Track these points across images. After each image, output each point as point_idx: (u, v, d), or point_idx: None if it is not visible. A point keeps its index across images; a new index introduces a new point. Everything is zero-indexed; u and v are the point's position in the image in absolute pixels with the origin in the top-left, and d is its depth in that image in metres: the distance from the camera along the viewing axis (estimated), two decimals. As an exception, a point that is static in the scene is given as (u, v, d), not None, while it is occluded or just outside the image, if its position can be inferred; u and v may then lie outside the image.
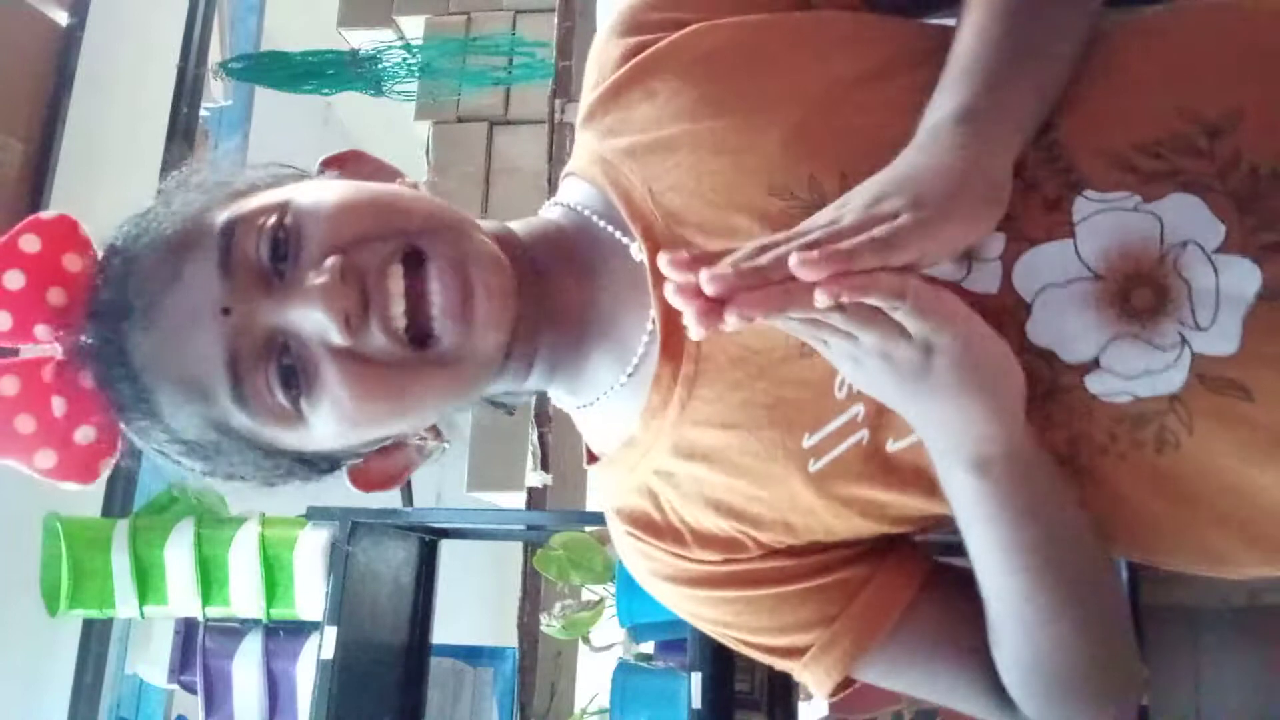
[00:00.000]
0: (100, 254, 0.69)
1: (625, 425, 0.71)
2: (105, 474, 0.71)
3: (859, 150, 0.64)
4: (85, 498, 2.23)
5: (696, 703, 1.63)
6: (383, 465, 0.73)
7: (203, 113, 2.77)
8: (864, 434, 0.65)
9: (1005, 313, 0.61)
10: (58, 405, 0.68)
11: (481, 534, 2.10)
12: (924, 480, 0.65)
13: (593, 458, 0.76)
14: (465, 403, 0.72)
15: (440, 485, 2.91)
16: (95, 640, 2.17)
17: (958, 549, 0.68)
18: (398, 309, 0.63)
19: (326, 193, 0.66)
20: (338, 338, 0.62)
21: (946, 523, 0.70)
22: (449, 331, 0.63)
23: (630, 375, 0.69)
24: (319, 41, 2.92)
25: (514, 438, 2.50)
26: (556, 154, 2.63)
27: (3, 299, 0.68)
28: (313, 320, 0.61)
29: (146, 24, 2.75)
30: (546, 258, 0.71)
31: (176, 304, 0.63)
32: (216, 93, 2.83)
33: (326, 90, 2.85)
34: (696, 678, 1.64)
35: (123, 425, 0.69)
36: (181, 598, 1.86)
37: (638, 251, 0.67)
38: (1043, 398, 0.62)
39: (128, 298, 0.64)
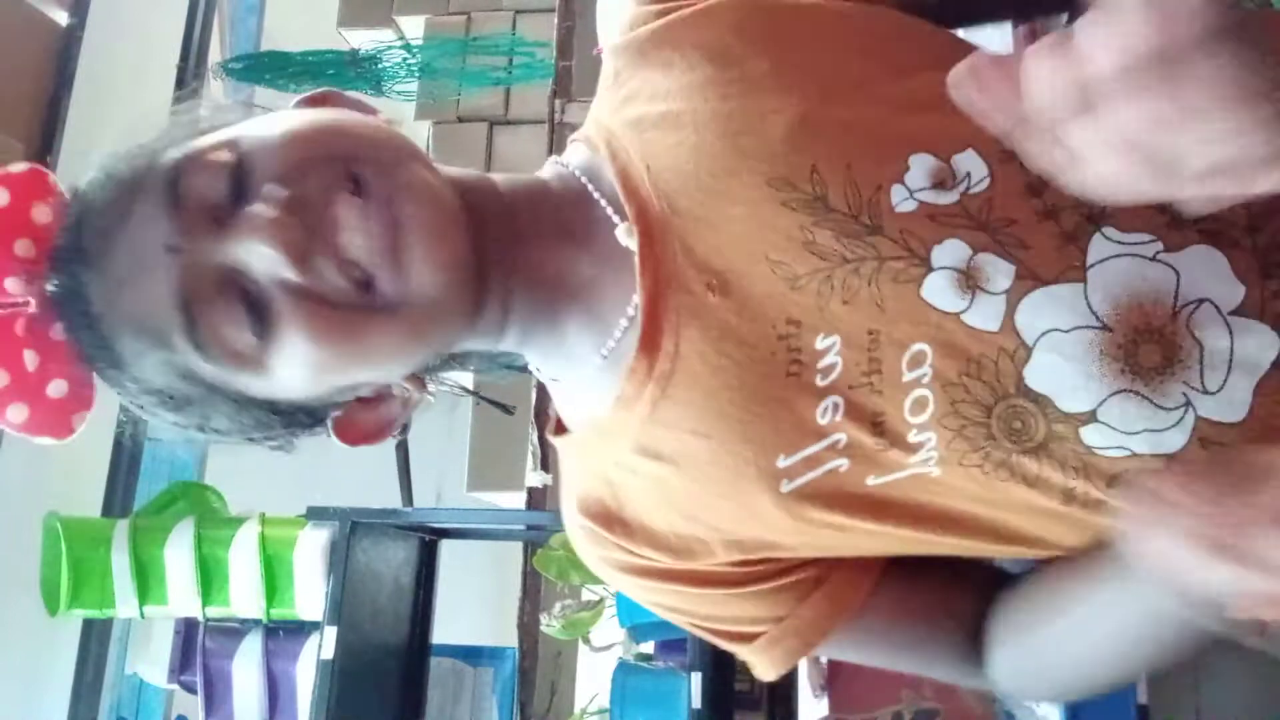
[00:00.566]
0: (68, 202, 0.68)
1: (597, 404, 0.68)
2: (80, 428, 0.69)
3: (865, 143, 0.61)
4: (85, 498, 2.23)
5: (696, 703, 1.63)
6: (366, 417, 0.70)
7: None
8: (844, 462, 0.62)
9: (1004, 352, 0.58)
10: (30, 359, 0.66)
11: (481, 534, 2.10)
12: (907, 512, 0.63)
13: (560, 428, 0.73)
14: (436, 350, 0.68)
15: (440, 485, 2.91)
16: (95, 640, 2.18)
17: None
18: (347, 238, 0.59)
19: (275, 124, 0.63)
20: (289, 272, 0.58)
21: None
22: (382, 272, 0.59)
23: (605, 356, 0.66)
24: (319, 41, 2.93)
25: (514, 438, 2.50)
26: (556, 154, 2.63)
27: None
28: (259, 255, 0.58)
29: (146, 24, 2.76)
30: (527, 213, 0.68)
31: (126, 245, 0.61)
32: (216, 93, 2.83)
33: (327, 90, 2.84)
34: (696, 678, 1.64)
35: (95, 375, 0.67)
36: (181, 598, 1.86)
37: (626, 234, 0.64)
38: (1036, 449, 0.59)
39: (82, 242, 0.63)
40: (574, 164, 0.70)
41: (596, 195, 0.67)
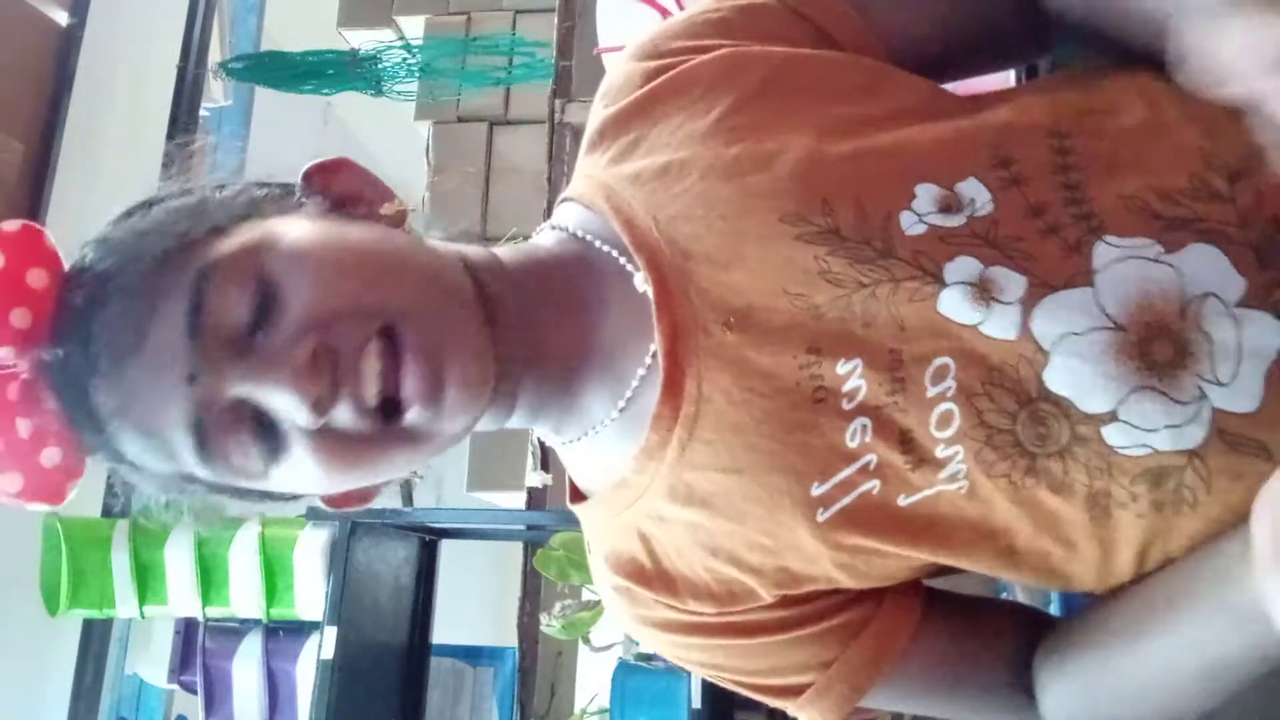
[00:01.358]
0: (68, 270, 0.66)
1: (617, 462, 0.68)
2: (71, 495, 0.69)
3: (872, 175, 0.63)
4: (85, 498, 2.23)
5: (696, 703, 1.63)
6: (352, 492, 0.71)
7: (203, 113, 2.77)
8: (875, 484, 0.63)
9: (1024, 359, 0.59)
10: (23, 427, 0.65)
11: (481, 534, 2.10)
12: (935, 533, 0.63)
13: (576, 494, 0.73)
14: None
15: (440, 485, 2.90)
16: (95, 640, 2.17)
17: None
18: (370, 390, 0.60)
19: (309, 247, 0.62)
20: (306, 421, 0.59)
21: (953, 570, 0.69)
22: (417, 413, 0.60)
23: (623, 410, 0.67)
24: (319, 41, 2.92)
25: (514, 438, 2.49)
26: (556, 154, 2.63)
27: None
28: (281, 400, 0.59)
29: (146, 24, 2.76)
30: (537, 290, 0.68)
31: (142, 367, 0.60)
32: (216, 93, 2.83)
33: (326, 90, 2.85)
34: (696, 678, 1.64)
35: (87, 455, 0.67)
36: (181, 598, 1.86)
37: (642, 282, 0.64)
38: (1061, 452, 0.60)
39: (91, 345, 0.61)
40: (573, 225, 0.70)
41: (606, 249, 0.67)
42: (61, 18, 2.53)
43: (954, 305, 0.60)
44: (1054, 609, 1.10)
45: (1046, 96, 0.66)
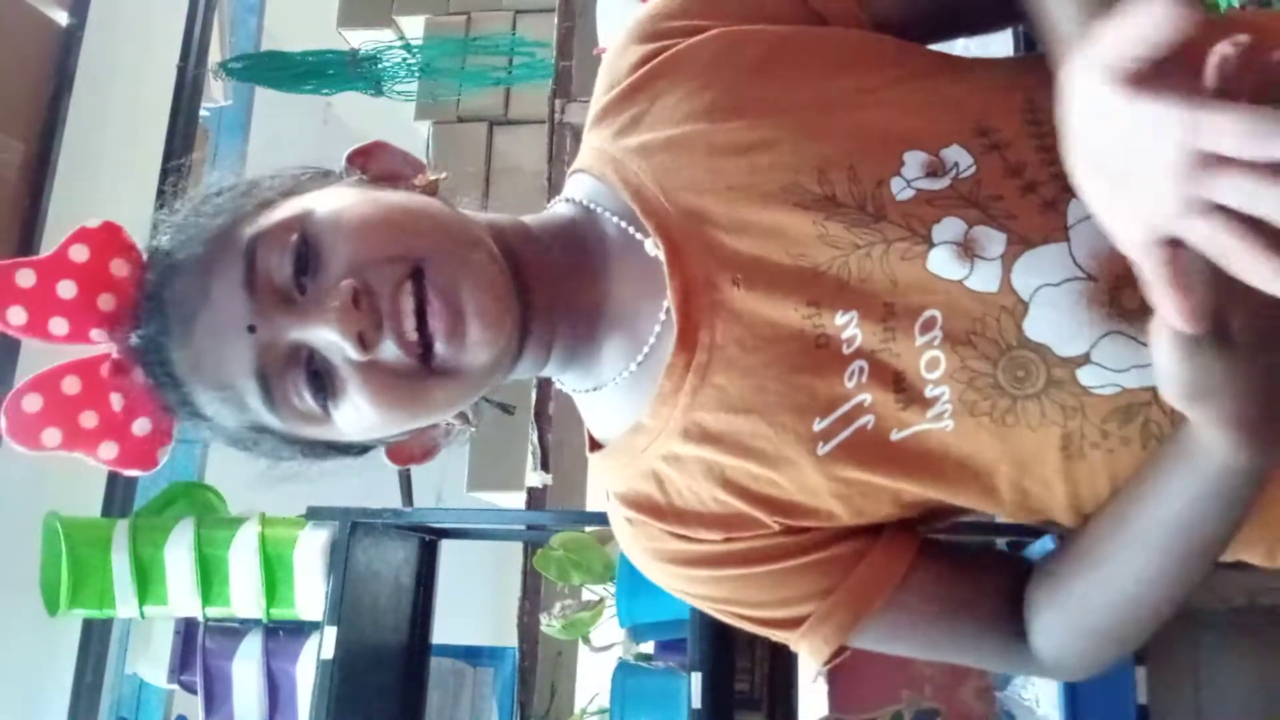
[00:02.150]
0: (145, 256, 0.74)
1: (632, 411, 0.73)
2: (164, 460, 0.78)
3: (864, 145, 0.68)
4: (85, 498, 2.23)
5: (696, 703, 1.63)
6: (414, 443, 0.78)
7: (203, 113, 2.78)
8: (870, 419, 0.68)
9: (1005, 310, 0.65)
10: (116, 400, 0.74)
11: (481, 534, 2.10)
12: (925, 467, 0.68)
13: (594, 444, 0.78)
14: (480, 395, 0.75)
15: (440, 485, 2.91)
16: (95, 640, 2.18)
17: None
18: (409, 325, 0.66)
19: (343, 209, 0.69)
20: (355, 354, 0.66)
21: (944, 515, 0.75)
22: (443, 348, 0.67)
23: (640, 364, 0.72)
24: (319, 41, 2.93)
25: (514, 438, 2.50)
26: (556, 154, 2.63)
27: (58, 307, 0.73)
28: (328, 340, 0.66)
29: (146, 24, 2.76)
30: (560, 252, 0.74)
31: (207, 323, 0.68)
32: (216, 93, 2.84)
33: (326, 90, 2.85)
34: (696, 678, 1.64)
35: (174, 419, 0.74)
36: (181, 598, 1.86)
37: (652, 247, 0.69)
38: (1040, 392, 0.65)
39: (166, 314, 0.70)
40: (583, 196, 0.75)
41: (615, 219, 0.73)
42: (61, 18, 2.54)
43: (942, 263, 0.65)
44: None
45: (1020, 65, 0.70)
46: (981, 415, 0.66)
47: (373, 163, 0.77)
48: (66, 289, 0.73)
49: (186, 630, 1.96)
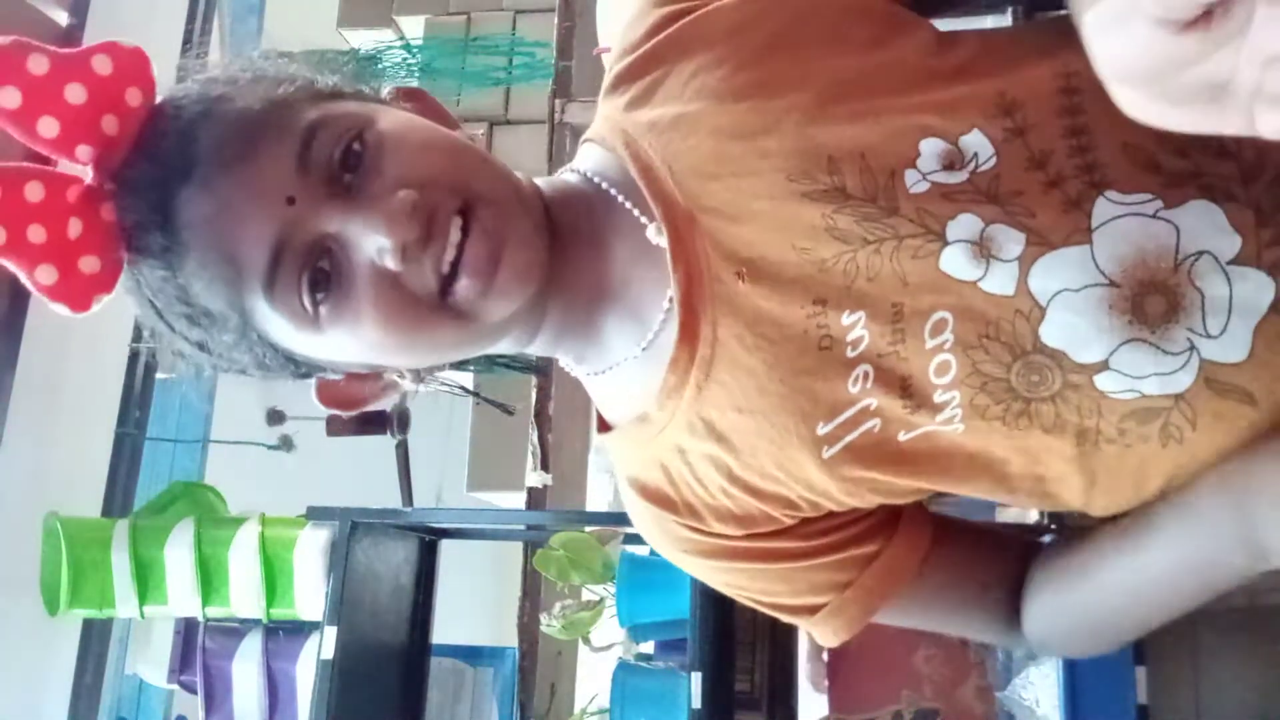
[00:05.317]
0: (163, 98, 0.69)
1: (639, 397, 0.72)
2: (95, 308, 0.70)
3: (877, 133, 0.64)
4: (85, 498, 2.23)
5: (696, 703, 1.63)
6: (352, 388, 0.74)
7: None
8: (876, 423, 0.66)
9: (1020, 314, 0.62)
10: (74, 227, 0.67)
11: (481, 534, 2.10)
12: (935, 465, 0.67)
13: (604, 425, 0.78)
14: (464, 357, 0.74)
15: (440, 485, 2.91)
16: (95, 640, 2.18)
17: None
18: (448, 255, 0.65)
19: (410, 127, 0.68)
20: (391, 262, 0.63)
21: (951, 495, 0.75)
22: (468, 287, 0.65)
23: (645, 349, 0.71)
24: (319, 41, 2.93)
25: (514, 438, 2.50)
26: (556, 154, 2.63)
27: (58, 108, 0.66)
28: (372, 238, 0.63)
29: (146, 24, 2.75)
30: (565, 222, 0.72)
31: (246, 179, 0.64)
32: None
33: (326, 90, 2.84)
34: (696, 678, 1.64)
35: (129, 268, 0.68)
36: (181, 598, 1.86)
37: (656, 233, 0.68)
38: (1053, 397, 0.63)
39: (193, 154, 0.64)
40: (590, 168, 0.73)
41: (620, 199, 0.70)
42: (61, 18, 2.53)
43: (955, 263, 0.62)
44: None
45: (1055, 35, 0.66)
46: (994, 419, 0.64)
47: (416, 108, 0.74)
48: (75, 93, 0.66)
49: (186, 630, 1.96)
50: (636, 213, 0.70)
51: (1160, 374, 0.61)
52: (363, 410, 0.76)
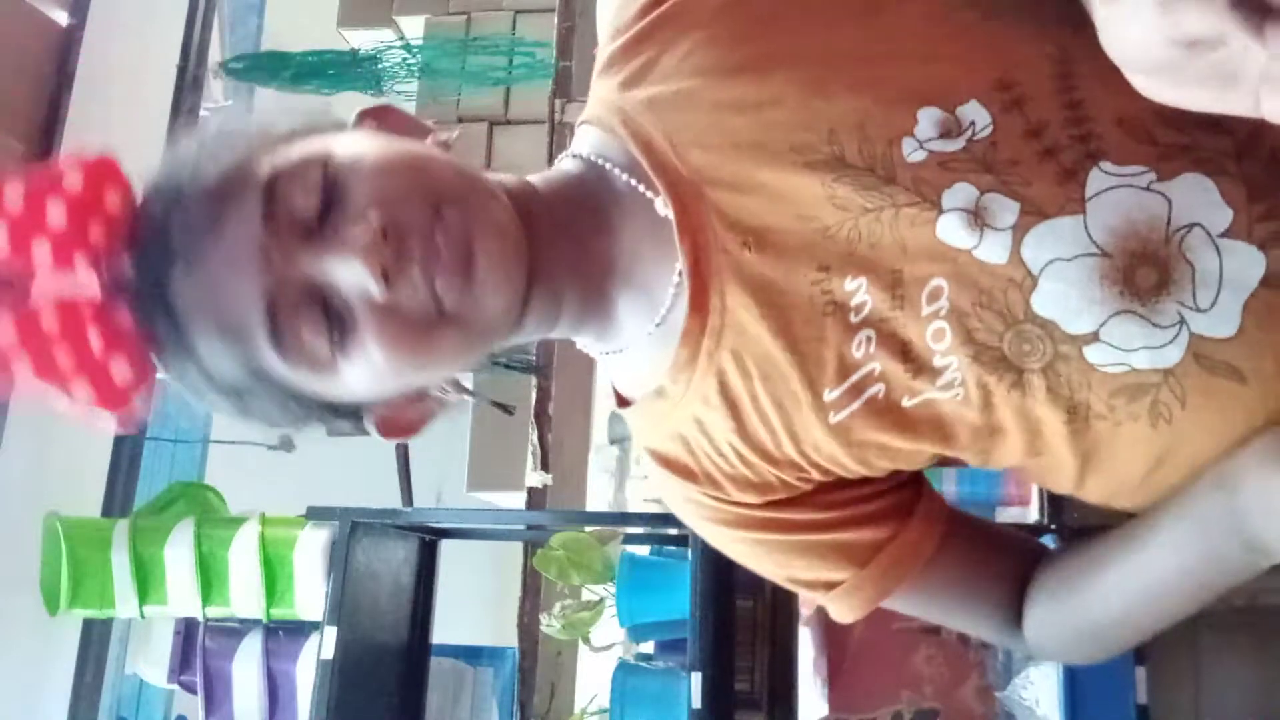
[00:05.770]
0: (140, 195, 0.70)
1: (654, 372, 0.73)
2: (143, 410, 0.73)
3: (875, 102, 0.65)
4: (85, 498, 2.23)
5: (696, 703, 1.63)
6: (405, 414, 0.76)
7: (203, 113, 2.78)
8: (880, 387, 0.68)
9: (1013, 283, 0.63)
10: (95, 339, 0.69)
11: (481, 534, 2.10)
12: (939, 430, 0.69)
13: (621, 400, 0.79)
14: (487, 353, 0.75)
15: (440, 485, 2.91)
16: (95, 640, 2.18)
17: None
18: (429, 265, 0.65)
19: (365, 149, 0.68)
20: (375, 291, 0.64)
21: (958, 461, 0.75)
22: (450, 291, 0.65)
23: (659, 325, 0.71)
24: (319, 41, 2.93)
25: (514, 438, 2.50)
26: (556, 154, 2.62)
27: (45, 230, 0.67)
28: (351, 272, 0.64)
29: (146, 24, 2.76)
30: (567, 210, 0.73)
31: (220, 252, 0.65)
32: (216, 93, 2.84)
33: (326, 90, 2.85)
34: (696, 678, 1.64)
35: (157, 362, 0.70)
36: (181, 597, 1.86)
37: (662, 206, 0.68)
38: (1044, 369, 0.64)
39: (171, 243, 0.66)
40: (588, 150, 0.74)
41: (623, 176, 0.71)
42: (61, 18, 2.54)
43: (950, 230, 0.63)
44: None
45: (1055, 5, 0.66)
46: (989, 388, 0.65)
47: (383, 124, 0.75)
48: (55, 212, 0.67)
49: (186, 630, 1.96)
50: (641, 188, 0.70)
51: (1150, 347, 0.62)
52: (422, 432, 0.78)
